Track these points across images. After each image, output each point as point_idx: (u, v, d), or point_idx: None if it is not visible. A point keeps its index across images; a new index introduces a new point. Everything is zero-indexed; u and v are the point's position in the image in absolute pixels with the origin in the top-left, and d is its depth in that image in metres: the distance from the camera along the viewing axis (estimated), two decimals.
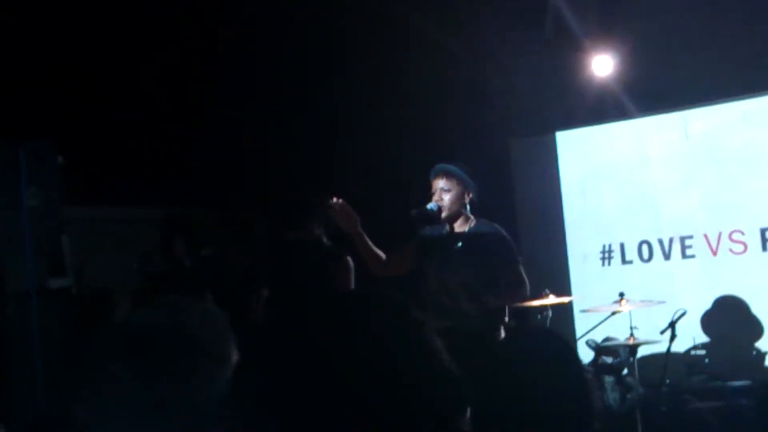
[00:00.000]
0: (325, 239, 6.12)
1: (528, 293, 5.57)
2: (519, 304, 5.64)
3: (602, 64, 7.67)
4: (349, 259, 5.96)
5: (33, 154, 6.41)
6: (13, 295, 6.33)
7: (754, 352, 6.90)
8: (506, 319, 5.52)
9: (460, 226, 5.68)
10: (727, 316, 7.07)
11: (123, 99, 7.60)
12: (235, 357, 2.06)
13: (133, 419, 1.93)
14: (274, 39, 7.60)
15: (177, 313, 2.05)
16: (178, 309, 2.06)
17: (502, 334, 5.40)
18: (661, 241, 7.56)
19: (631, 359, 6.19)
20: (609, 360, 6.68)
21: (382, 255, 5.90)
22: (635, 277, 7.55)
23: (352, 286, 6.03)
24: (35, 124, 6.86)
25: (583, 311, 6.94)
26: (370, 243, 5.89)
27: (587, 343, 6.96)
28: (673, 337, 6.18)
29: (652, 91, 7.40)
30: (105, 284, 7.43)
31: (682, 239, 7.46)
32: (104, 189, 8.13)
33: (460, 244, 5.62)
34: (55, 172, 6.53)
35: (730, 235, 7.26)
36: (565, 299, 6.32)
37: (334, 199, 5.78)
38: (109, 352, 1.99)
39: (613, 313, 6.31)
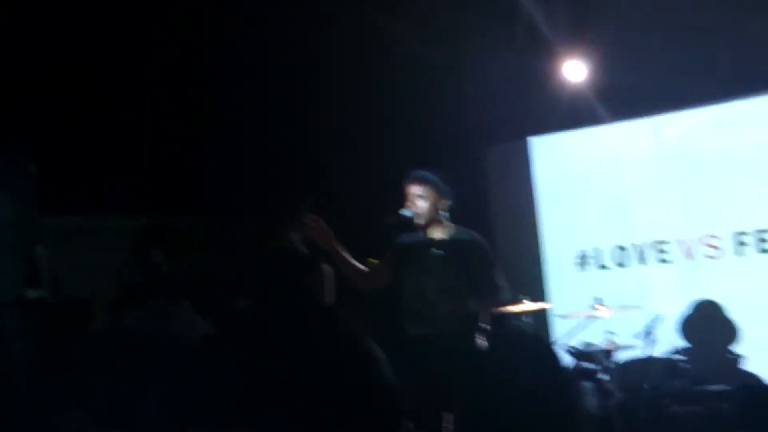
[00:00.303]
0: (302, 247, 6.12)
1: (506, 299, 5.59)
2: (496, 310, 5.66)
3: (574, 70, 7.70)
4: (328, 266, 5.95)
5: (6, 164, 6.38)
6: None
7: (733, 356, 6.95)
8: (484, 325, 5.54)
9: (436, 233, 5.69)
10: (705, 321, 7.11)
11: (98, 107, 7.57)
12: (216, 359, 2.07)
13: (120, 423, 1.95)
14: (247, 50, 7.59)
15: (163, 318, 2.07)
16: (164, 314, 2.09)
17: (481, 340, 5.41)
18: (636, 246, 7.61)
19: (610, 364, 6.22)
20: (587, 365, 6.72)
21: (363, 268, 5.89)
22: (612, 282, 7.59)
23: (332, 292, 6.03)
24: (8, 133, 6.82)
25: (560, 316, 6.97)
26: (349, 257, 5.88)
27: (567, 349, 7.00)
28: (652, 342, 6.22)
29: (623, 96, 7.43)
30: (82, 294, 7.40)
31: (658, 244, 7.51)
32: (80, 198, 8.09)
33: (436, 250, 5.63)
34: (30, 182, 6.50)
35: (705, 239, 7.32)
36: (541, 305, 6.35)
37: (308, 217, 5.75)
38: (96, 356, 2.02)
39: (591, 318, 6.34)
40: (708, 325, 7.10)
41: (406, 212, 5.61)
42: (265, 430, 1.39)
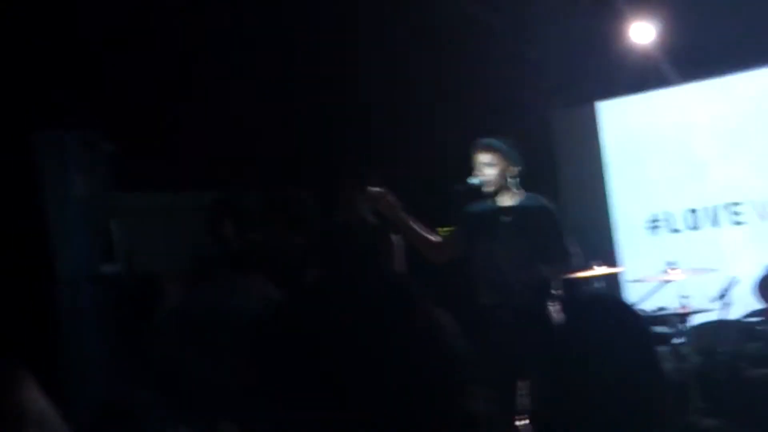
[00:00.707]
0: (372, 218, 6.13)
1: (577, 265, 5.56)
2: (568, 276, 5.63)
3: (642, 31, 7.59)
4: (397, 237, 5.97)
5: (81, 142, 6.48)
6: (66, 282, 6.42)
7: None
8: (556, 291, 5.51)
9: (505, 200, 5.66)
10: None
11: (170, 85, 7.65)
12: (289, 333, 2.08)
13: (197, 399, 1.97)
14: (309, 18, 7.60)
15: (235, 292, 2.08)
16: (236, 287, 2.10)
17: (552, 307, 5.40)
18: (709, 209, 7.51)
19: (684, 328, 6.16)
20: (662, 329, 6.66)
21: (435, 239, 5.86)
22: (685, 246, 7.51)
23: (403, 264, 6.04)
24: (82, 112, 6.93)
25: (633, 281, 6.91)
26: (419, 228, 5.86)
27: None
28: (726, 304, 6.15)
29: (695, 57, 7.32)
30: (154, 269, 7.51)
31: (731, 206, 7.41)
32: (152, 175, 8.19)
33: (506, 218, 5.61)
34: (104, 160, 6.61)
35: None
36: (613, 270, 6.30)
37: (374, 189, 5.75)
38: (173, 332, 2.04)
39: (664, 283, 6.28)
40: None
41: (474, 180, 5.59)
42: (338, 402, 1.39)
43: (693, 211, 7.60)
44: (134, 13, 6.95)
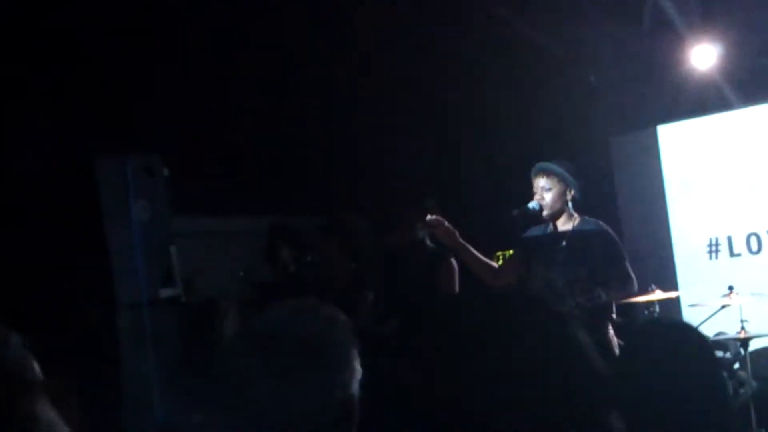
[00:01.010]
0: (428, 242, 6.14)
1: (635, 290, 5.51)
2: (626, 300, 5.58)
3: (703, 55, 7.54)
4: (453, 261, 5.96)
5: (141, 168, 6.55)
6: (126, 306, 6.48)
7: None
8: (614, 316, 5.47)
9: (563, 225, 5.64)
10: None
11: (229, 111, 7.73)
12: (356, 364, 2.08)
13: (255, 423, 1.97)
14: (374, 46, 7.64)
15: (303, 317, 2.08)
16: (307, 314, 2.09)
17: (611, 331, 5.36)
18: None
19: (743, 353, 6.07)
20: (720, 354, 6.56)
21: (493, 264, 5.88)
22: (744, 270, 7.40)
23: (457, 288, 6.04)
24: (142, 138, 7.02)
25: (691, 306, 6.82)
26: (477, 253, 5.87)
27: None
28: None
29: (756, 80, 7.25)
30: (213, 294, 7.56)
31: None
32: (210, 200, 8.27)
33: (564, 242, 5.58)
34: (163, 185, 6.67)
35: None
36: (672, 294, 6.23)
37: (431, 216, 5.79)
38: (241, 356, 2.04)
39: (723, 307, 6.20)
40: None
41: (533, 205, 5.57)
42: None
43: (753, 235, 7.50)
44: (198, 40, 7.04)
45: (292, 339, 2.01)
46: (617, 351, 5.26)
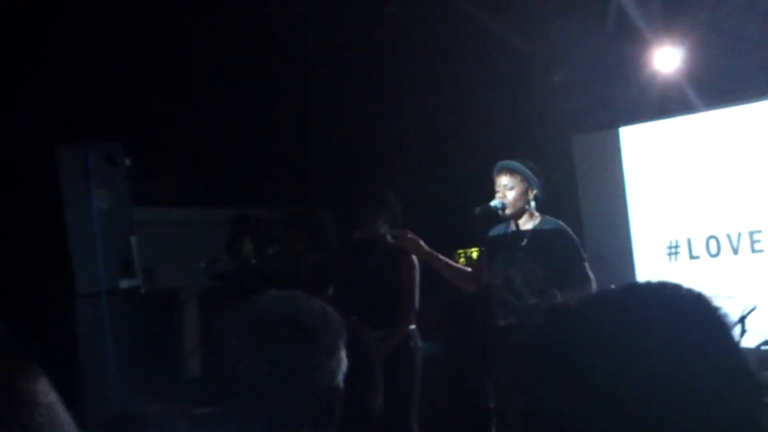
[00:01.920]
0: (390, 237, 6.16)
1: (593, 290, 5.54)
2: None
3: (667, 57, 7.59)
4: (414, 257, 5.99)
5: (102, 157, 6.52)
6: (85, 296, 6.45)
7: None
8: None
9: (524, 224, 5.67)
10: None
11: (190, 101, 7.69)
12: (343, 355, 2.11)
13: (243, 405, 1.99)
14: (339, 41, 7.63)
15: (296, 306, 2.11)
16: (299, 301, 2.13)
17: None
18: (729, 236, 7.47)
19: None
20: None
21: (464, 268, 5.92)
22: (703, 273, 7.47)
23: (417, 283, 6.06)
24: (104, 127, 6.97)
25: None
26: (446, 260, 5.94)
27: None
28: (743, 332, 6.10)
29: (719, 83, 7.31)
30: (173, 284, 7.54)
31: (751, 234, 7.37)
32: (172, 190, 8.24)
33: (524, 241, 5.61)
34: (124, 175, 6.64)
35: None
36: None
37: (395, 232, 5.86)
38: (231, 339, 2.06)
39: None
40: None
41: (495, 203, 5.60)
42: None
43: (712, 237, 7.56)
44: (160, 29, 7.00)
45: (283, 323, 2.04)
46: None
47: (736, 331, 1.34)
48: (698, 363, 1.21)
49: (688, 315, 1.30)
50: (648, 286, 1.36)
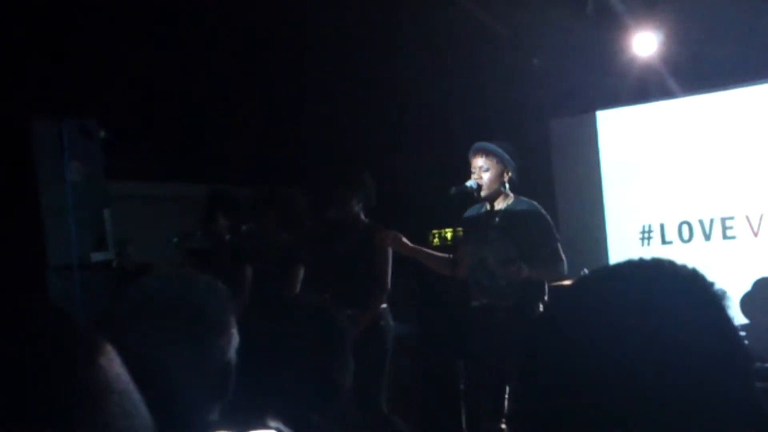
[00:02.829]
0: (363, 216, 6.16)
1: (565, 271, 5.56)
2: (556, 283, 5.63)
3: (645, 42, 7.60)
4: (384, 232, 6.00)
5: (76, 130, 6.48)
6: (56, 268, 6.42)
7: None
8: (545, 297, 5.52)
9: (498, 204, 5.68)
10: (766, 299, 7.01)
11: (166, 75, 7.65)
12: (234, 331, 2.14)
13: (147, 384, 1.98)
14: (318, 21, 7.60)
15: (183, 284, 2.13)
16: (185, 281, 2.15)
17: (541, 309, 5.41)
18: (701, 222, 7.52)
19: None
20: None
21: (447, 256, 5.93)
22: (675, 258, 7.49)
23: (390, 262, 6.07)
24: (79, 100, 6.92)
25: None
26: (429, 251, 5.98)
27: None
28: None
29: (696, 70, 7.33)
30: (146, 259, 7.51)
31: (723, 220, 7.41)
32: (147, 165, 8.20)
33: (497, 221, 5.63)
34: (98, 148, 6.61)
35: None
36: None
37: (377, 232, 5.91)
38: (117, 320, 2.07)
39: None
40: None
41: (470, 183, 5.60)
42: None
43: (686, 223, 7.61)
44: (136, 1, 6.95)
45: (167, 304, 2.06)
46: None
47: (730, 305, 1.31)
48: (693, 339, 1.19)
49: (683, 291, 1.29)
50: (642, 263, 1.35)
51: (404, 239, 5.87)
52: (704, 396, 1.17)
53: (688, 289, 1.29)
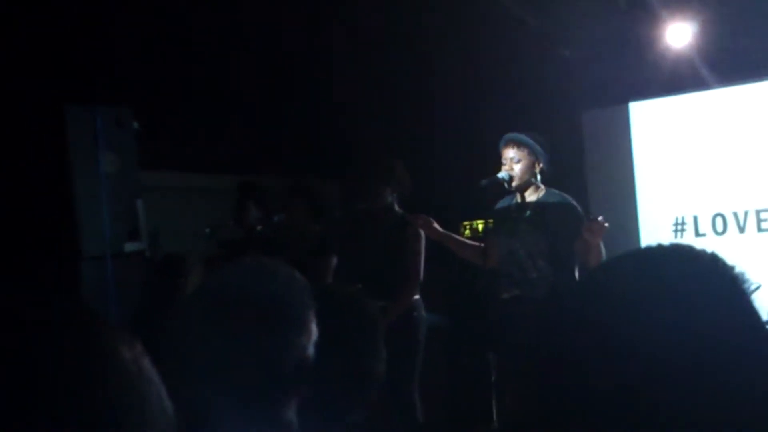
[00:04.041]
0: (396, 207, 6.15)
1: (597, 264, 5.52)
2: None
3: (679, 33, 7.54)
4: (416, 214, 5.99)
5: (110, 120, 6.51)
6: (90, 259, 6.46)
7: None
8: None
9: (529, 196, 5.66)
10: None
11: (200, 67, 7.67)
12: (313, 326, 2.08)
13: (213, 380, 1.96)
14: (348, 11, 7.59)
15: (263, 276, 2.07)
16: (265, 274, 2.08)
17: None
18: (735, 214, 7.46)
19: None
20: None
21: (479, 245, 5.92)
22: (709, 250, 7.45)
23: (423, 253, 6.06)
24: (113, 90, 6.96)
25: None
26: (460, 238, 5.96)
27: None
28: None
29: (730, 60, 7.27)
30: (178, 250, 7.54)
31: (758, 212, 7.35)
32: (180, 156, 8.23)
33: (527, 213, 5.61)
34: (132, 138, 6.64)
35: None
36: None
37: (410, 216, 5.88)
38: (196, 313, 2.03)
39: None
40: None
41: (502, 175, 5.58)
42: None
43: (719, 215, 7.55)
44: None
45: (246, 298, 2.00)
46: None
47: (754, 289, 1.27)
48: (716, 323, 1.18)
49: (704, 276, 1.28)
50: (661, 248, 1.33)
51: (435, 224, 5.85)
52: (729, 376, 1.15)
53: (707, 273, 1.29)
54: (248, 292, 2.04)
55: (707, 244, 7.43)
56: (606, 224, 5.17)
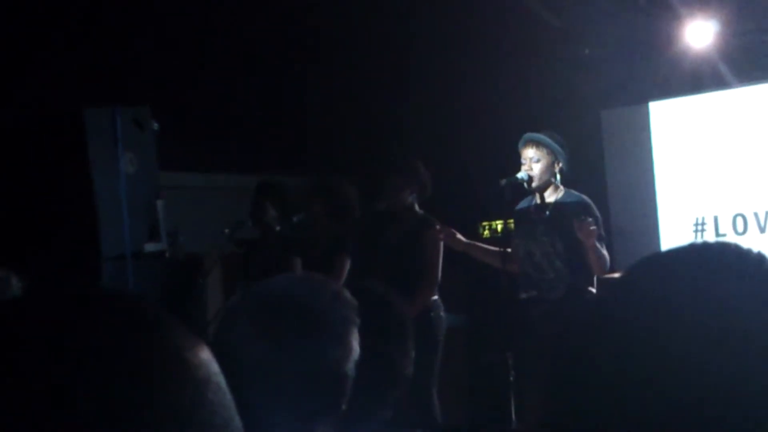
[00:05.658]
0: (416, 208, 6.15)
1: (606, 267, 5.48)
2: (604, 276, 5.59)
3: (699, 32, 7.51)
4: (439, 227, 5.98)
5: (130, 121, 6.53)
6: (109, 259, 6.48)
7: None
8: (593, 290, 5.48)
9: (548, 196, 5.65)
10: None
11: (219, 66, 7.69)
12: (355, 344, 2.07)
13: (244, 386, 1.96)
14: (365, 10, 7.59)
15: (310, 289, 2.08)
16: (312, 285, 2.10)
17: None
18: (756, 214, 7.42)
19: None
20: None
21: (502, 250, 5.91)
22: (755, 249, 7.40)
23: (441, 254, 6.06)
24: (133, 90, 6.98)
25: None
26: (483, 246, 5.97)
27: None
28: None
29: (751, 60, 7.23)
30: (197, 250, 7.56)
31: None
32: (199, 156, 8.25)
33: (546, 213, 5.60)
34: (152, 139, 6.65)
35: None
36: None
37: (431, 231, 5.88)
38: (239, 318, 2.04)
39: None
40: None
41: (521, 175, 5.58)
42: None
43: (739, 216, 7.52)
44: None
45: (291, 306, 2.01)
46: None
47: None
48: (765, 326, 1.09)
49: (752, 277, 1.17)
50: (706, 246, 1.26)
51: (458, 235, 5.85)
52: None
53: (756, 273, 1.18)
54: (292, 301, 2.05)
55: None
56: (593, 227, 5.20)
